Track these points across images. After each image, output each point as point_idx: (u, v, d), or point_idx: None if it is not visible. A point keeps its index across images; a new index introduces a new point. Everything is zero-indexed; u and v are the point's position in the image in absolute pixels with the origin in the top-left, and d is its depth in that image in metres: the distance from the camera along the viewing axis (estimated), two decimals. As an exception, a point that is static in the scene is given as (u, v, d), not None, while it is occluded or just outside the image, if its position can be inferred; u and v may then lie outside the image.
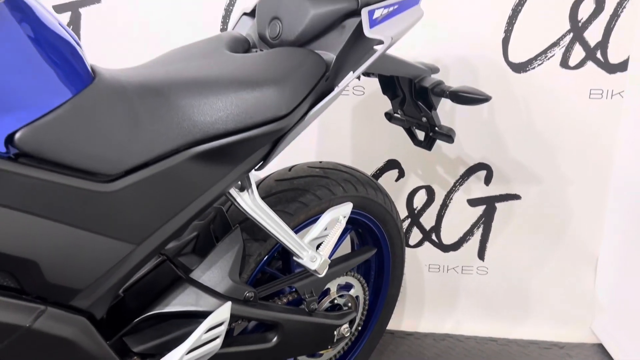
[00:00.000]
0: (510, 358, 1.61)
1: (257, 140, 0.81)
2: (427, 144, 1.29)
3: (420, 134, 1.31)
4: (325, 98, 0.89)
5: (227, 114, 0.77)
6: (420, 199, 1.66)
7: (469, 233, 1.68)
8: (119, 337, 0.83)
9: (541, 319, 1.72)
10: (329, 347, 1.13)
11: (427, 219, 1.68)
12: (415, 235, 1.70)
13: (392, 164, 1.63)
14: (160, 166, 0.73)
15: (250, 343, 0.97)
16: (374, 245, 1.28)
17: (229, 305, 0.88)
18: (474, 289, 1.73)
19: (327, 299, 1.15)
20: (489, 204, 1.64)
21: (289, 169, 1.12)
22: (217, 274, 0.91)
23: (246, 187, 0.89)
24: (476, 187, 1.63)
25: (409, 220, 1.68)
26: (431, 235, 1.69)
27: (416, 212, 1.67)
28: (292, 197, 1.04)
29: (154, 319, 0.86)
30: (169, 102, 0.74)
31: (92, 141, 0.67)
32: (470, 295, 1.74)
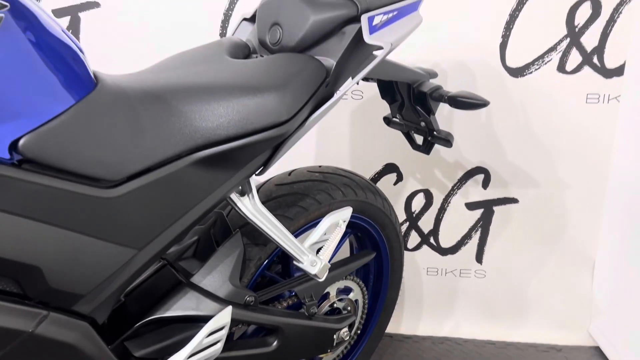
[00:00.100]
0: (508, 361, 1.62)
1: (258, 146, 0.82)
2: (425, 148, 1.30)
3: (418, 139, 1.32)
4: (326, 104, 0.89)
5: (228, 119, 0.77)
6: (418, 202, 1.67)
7: (467, 236, 1.68)
8: (120, 341, 0.83)
9: (539, 322, 1.73)
10: (328, 350, 1.13)
11: (425, 223, 1.69)
12: (414, 239, 1.71)
13: (390, 168, 1.64)
14: (163, 172, 0.73)
15: (251, 347, 0.98)
16: (373, 249, 1.28)
17: (229, 310, 0.88)
18: (472, 292, 1.73)
19: (326, 302, 1.16)
20: (487, 208, 1.65)
21: (289, 174, 1.13)
22: (217, 279, 0.91)
23: (247, 192, 0.90)
24: (474, 191, 1.64)
25: (407, 223, 1.69)
26: (429, 239, 1.70)
27: (414, 215, 1.68)
28: (292, 201, 1.05)
29: (155, 323, 0.86)
30: (171, 108, 0.74)
31: (95, 147, 0.67)
32: (468, 298, 1.74)
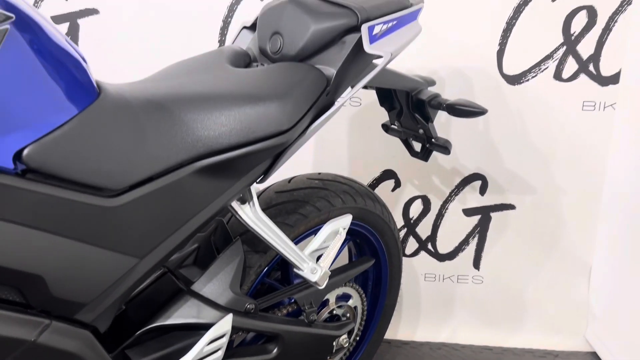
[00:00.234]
0: (506, 367, 1.63)
1: (259, 155, 0.82)
2: (423, 155, 1.31)
3: (417, 145, 1.32)
4: (326, 113, 0.90)
5: (230, 128, 0.78)
6: (416, 208, 1.67)
7: (464, 242, 1.69)
8: (122, 349, 0.83)
9: (536, 328, 1.73)
10: (327, 357, 1.13)
11: (423, 229, 1.69)
12: (411, 245, 1.71)
13: (388, 174, 1.65)
14: (165, 180, 0.74)
15: (251, 354, 0.98)
16: (371, 255, 1.28)
17: (230, 318, 0.88)
18: (469, 298, 1.74)
19: (326, 309, 1.16)
20: (484, 214, 1.66)
21: (289, 181, 1.13)
22: (218, 286, 0.92)
23: (248, 199, 0.90)
24: (471, 197, 1.65)
25: (405, 229, 1.70)
26: (427, 245, 1.71)
27: (412, 221, 1.69)
28: (292, 208, 1.05)
29: (155, 331, 0.86)
30: (173, 117, 0.75)
31: (98, 157, 0.67)
32: (465, 304, 1.75)
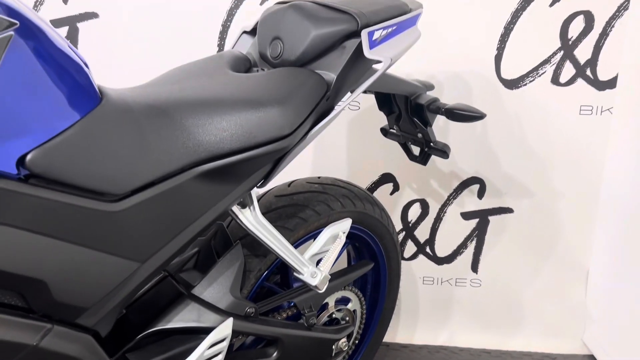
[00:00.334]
0: (504, 370, 1.64)
1: (260, 159, 0.83)
2: (422, 159, 1.31)
3: (415, 149, 1.33)
4: (326, 118, 0.91)
5: (231, 133, 0.78)
6: (414, 212, 1.68)
7: (462, 246, 1.70)
8: (122, 353, 0.83)
9: (534, 331, 1.74)
10: (327, 361, 1.14)
11: (421, 232, 1.70)
12: (410, 248, 1.72)
13: (387, 178, 1.65)
14: (166, 185, 0.74)
15: (251, 358, 0.98)
16: (370, 259, 1.29)
17: (230, 321, 0.88)
18: (467, 301, 1.75)
19: (325, 313, 1.17)
20: (482, 217, 1.66)
21: (288, 185, 1.14)
22: (218, 290, 0.92)
23: (248, 204, 0.91)
24: (469, 201, 1.65)
25: (404, 233, 1.70)
26: (425, 248, 1.71)
27: (411, 225, 1.69)
28: (292, 212, 1.06)
29: (156, 335, 0.86)
30: (175, 122, 0.75)
31: (100, 162, 0.68)
32: (464, 307, 1.75)
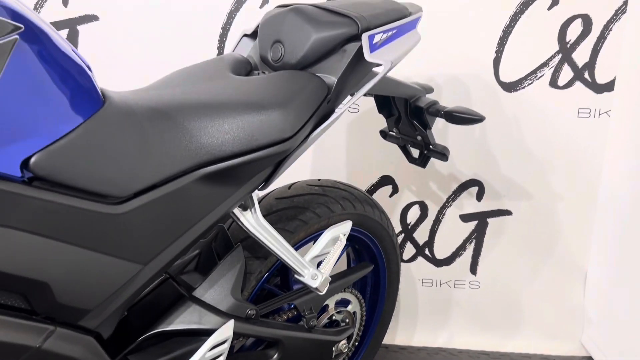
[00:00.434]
0: (503, 371, 1.64)
1: (261, 162, 0.83)
2: (421, 162, 1.32)
3: (414, 152, 1.34)
4: (327, 120, 0.91)
5: (233, 136, 0.79)
6: (413, 214, 1.69)
7: (461, 248, 1.70)
8: (124, 355, 0.83)
9: (532, 333, 1.75)
10: (327, 363, 1.14)
11: (420, 234, 1.70)
12: (409, 250, 1.72)
13: (386, 180, 1.66)
14: (168, 188, 0.74)
15: (252, 360, 0.99)
16: (370, 261, 1.29)
17: (231, 323, 0.89)
18: (466, 303, 1.75)
19: (325, 315, 1.17)
20: (481, 220, 1.67)
21: (289, 187, 1.14)
22: (219, 292, 0.92)
23: (249, 206, 0.91)
24: (468, 203, 1.66)
25: (403, 235, 1.71)
26: (424, 250, 1.72)
27: (410, 227, 1.70)
28: (293, 215, 1.06)
29: (157, 337, 0.86)
30: (177, 125, 0.76)
31: (103, 164, 0.68)
32: (462, 309, 1.76)
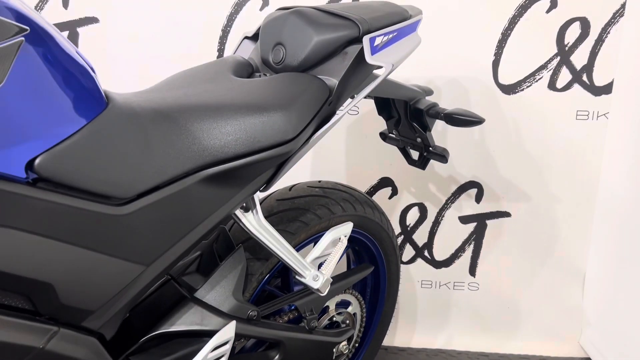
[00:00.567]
0: (502, 373, 1.65)
1: (263, 164, 0.83)
2: (421, 164, 1.32)
3: (414, 154, 1.34)
4: (329, 122, 0.92)
5: (235, 138, 0.79)
6: (413, 216, 1.69)
7: (460, 249, 1.71)
8: (126, 356, 0.84)
9: (531, 334, 1.75)
10: (327, 364, 1.14)
11: (419, 236, 1.71)
12: (408, 252, 1.73)
13: (385, 182, 1.66)
14: (171, 189, 0.75)
15: (253, 361, 0.99)
16: (370, 262, 1.30)
17: (233, 324, 0.89)
18: (465, 304, 1.76)
19: (325, 316, 1.17)
20: (480, 221, 1.68)
21: (289, 189, 1.15)
22: (221, 293, 0.92)
23: (251, 208, 0.91)
24: (467, 205, 1.67)
25: (402, 237, 1.71)
26: (424, 252, 1.73)
27: (409, 229, 1.70)
28: (293, 216, 1.07)
29: (159, 338, 0.87)
30: (180, 127, 0.76)
31: (107, 166, 0.68)
32: (461, 310, 1.77)
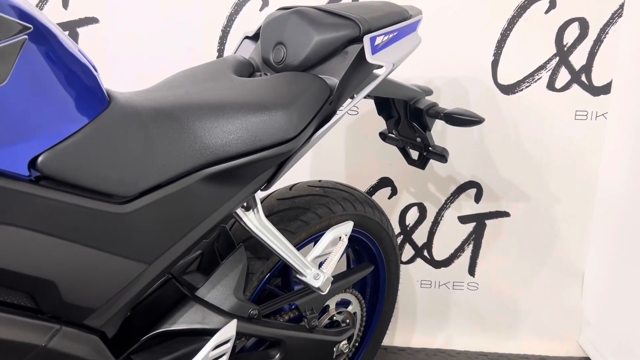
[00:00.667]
0: (501, 372, 1.65)
1: (265, 162, 0.84)
2: (420, 163, 1.33)
3: (414, 154, 1.34)
4: (330, 121, 0.92)
5: (237, 136, 0.79)
6: (412, 216, 1.69)
7: (459, 249, 1.71)
8: (127, 355, 0.84)
9: (530, 333, 1.76)
10: (328, 363, 1.14)
11: (419, 236, 1.71)
12: (408, 252, 1.73)
13: (385, 182, 1.67)
14: (173, 187, 0.75)
15: (254, 360, 0.99)
16: (370, 262, 1.30)
17: (235, 323, 0.89)
18: (464, 304, 1.76)
19: (326, 315, 1.18)
20: (479, 221, 1.68)
21: (290, 188, 1.15)
22: (222, 292, 0.93)
23: (252, 206, 0.92)
24: (466, 205, 1.67)
25: (402, 237, 1.72)
26: (423, 252, 1.73)
27: (408, 229, 1.71)
28: (294, 215, 1.07)
29: (161, 336, 0.87)
30: (182, 126, 0.76)
31: (109, 164, 0.69)
32: (461, 310, 1.77)
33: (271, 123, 0.82)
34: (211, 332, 0.87)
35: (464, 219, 1.68)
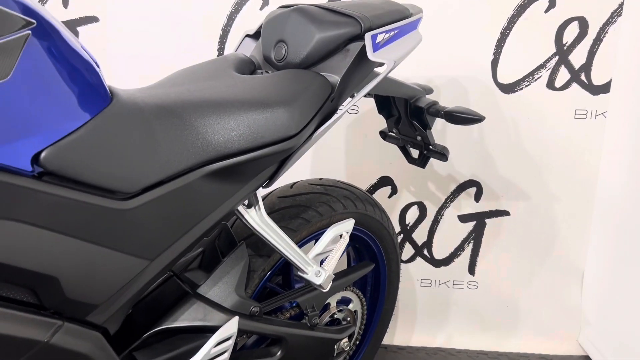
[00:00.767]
0: (501, 371, 1.65)
1: (266, 159, 0.84)
2: (421, 162, 1.33)
3: (414, 152, 1.35)
4: (331, 118, 0.92)
5: (239, 133, 0.79)
6: (412, 214, 1.70)
7: (459, 248, 1.72)
8: (129, 351, 0.84)
9: (530, 332, 1.76)
10: (328, 361, 1.15)
11: (419, 235, 1.72)
12: (408, 251, 1.73)
13: (385, 181, 1.67)
14: (175, 184, 0.75)
15: (256, 357, 0.99)
16: (370, 260, 1.30)
17: (236, 320, 0.89)
18: (464, 303, 1.76)
19: (327, 313, 1.18)
20: (479, 220, 1.68)
21: (291, 186, 1.15)
22: (223, 289, 0.93)
23: (253, 204, 0.92)
24: (466, 204, 1.67)
25: (402, 235, 1.72)
26: (423, 251, 1.73)
27: (408, 227, 1.71)
28: (295, 213, 1.07)
29: (162, 333, 0.87)
30: (184, 122, 0.76)
31: (112, 160, 0.69)
32: (461, 309, 1.77)
33: (273, 120, 0.82)
34: (213, 330, 0.87)
35: (464, 218, 1.69)
